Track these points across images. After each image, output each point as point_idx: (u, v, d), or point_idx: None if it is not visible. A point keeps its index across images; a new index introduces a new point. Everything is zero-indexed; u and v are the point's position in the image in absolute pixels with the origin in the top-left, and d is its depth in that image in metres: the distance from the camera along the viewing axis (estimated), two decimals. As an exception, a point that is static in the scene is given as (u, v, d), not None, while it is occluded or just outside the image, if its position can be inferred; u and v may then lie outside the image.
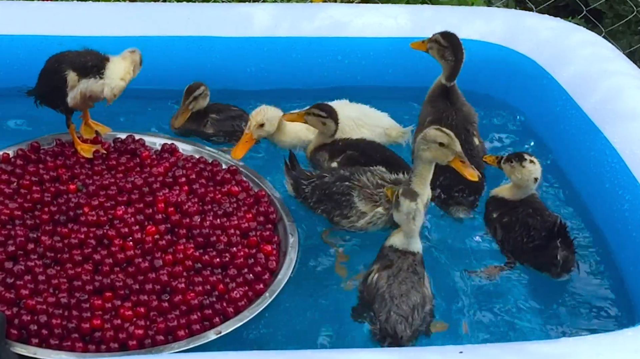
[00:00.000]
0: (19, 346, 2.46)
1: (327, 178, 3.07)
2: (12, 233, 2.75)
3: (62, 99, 3.03)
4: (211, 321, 2.60)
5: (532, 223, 3.00)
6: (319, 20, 3.84)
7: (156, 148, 3.27)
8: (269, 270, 2.79)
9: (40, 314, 2.51)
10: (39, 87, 3.11)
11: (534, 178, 3.04)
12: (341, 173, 3.07)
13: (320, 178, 3.09)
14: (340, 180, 3.03)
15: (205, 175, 3.11)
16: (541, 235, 2.95)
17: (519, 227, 3.02)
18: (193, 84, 3.46)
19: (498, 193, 3.17)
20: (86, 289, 2.61)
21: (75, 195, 2.92)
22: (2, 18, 3.66)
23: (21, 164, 3.07)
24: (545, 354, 2.32)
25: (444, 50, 3.33)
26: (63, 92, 3.00)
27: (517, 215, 3.05)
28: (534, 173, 3.04)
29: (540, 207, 3.08)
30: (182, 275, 2.68)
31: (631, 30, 5.11)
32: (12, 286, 2.60)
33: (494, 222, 3.11)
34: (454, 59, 3.32)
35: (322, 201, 3.05)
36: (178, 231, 2.83)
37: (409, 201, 2.73)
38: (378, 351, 2.47)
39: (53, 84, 3.02)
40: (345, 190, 3.01)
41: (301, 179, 3.12)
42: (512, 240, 3.02)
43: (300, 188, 3.12)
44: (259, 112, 3.24)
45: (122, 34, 3.65)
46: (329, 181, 3.05)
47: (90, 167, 3.09)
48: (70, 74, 2.99)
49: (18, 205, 2.86)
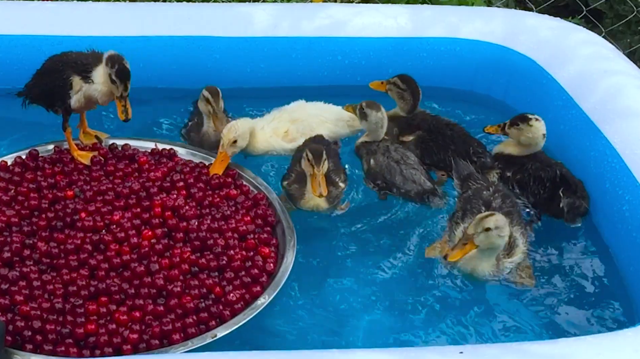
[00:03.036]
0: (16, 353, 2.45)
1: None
2: (8, 240, 2.74)
3: (62, 100, 3.02)
4: (207, 324, 2.59)
5: (544, 176, 3.17)
6: (319, 20, 3.84)
7: (152, 147, 3.26)
8: (266, 272, 2.78)
9: (34, 319, 2.50)
10: (36, 86, 3.10)
11: (542, 134, 3.24)
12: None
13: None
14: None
15: (204, 179, 3.10)
16: (562, 171, 3.18)
17: (533, 182, 3.18)
18: (212, 88, 3.30)
19: (503, 149, 3.32)
20: (81, 294, 2.60)
21: (72, 200, 2.91)
22: (2, 18, 3.66)
23: (19, 172, 3.06)
24: (545, 354, 2.32)
25: (402, 93, 3.49)
26: (65, 94, 3.00)
27: (528, 171, 3.21)
28: (541, 129, 3.23)
29: (547, 160, 3.27)
30: (179, 278, 2.68)
31: (631, 30, 5.11)
32: (7, 292, 2.59)
33: (509, 181, 3.26)
34: (412, 99, 3.49)
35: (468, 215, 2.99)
36: (175, 235, 2.82)
37: (375, 112, 3.25)
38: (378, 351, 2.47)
39: (54, 84, 3.01)
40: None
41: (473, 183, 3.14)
42: (530, 194, 3.17)
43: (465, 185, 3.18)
44: (230, 129, 3.18)
45: (122, 34, 3.65)
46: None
47: (89, 173, 3.08)
48: (74, 78, 2.97)
49: (15, 212, 2.85)
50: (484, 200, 2.99)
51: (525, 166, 3.24)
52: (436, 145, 3.40)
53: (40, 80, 3.10)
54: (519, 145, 3.28)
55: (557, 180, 3.12)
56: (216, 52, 3.75)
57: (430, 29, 3.61)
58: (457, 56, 3.87)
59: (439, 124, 3.47)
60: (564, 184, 3.12)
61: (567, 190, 3.12)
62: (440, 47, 3.86)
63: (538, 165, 3.23)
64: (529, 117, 3.24)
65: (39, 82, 3.10)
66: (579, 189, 3.16)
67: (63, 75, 2.98)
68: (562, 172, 3.17)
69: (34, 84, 3.11)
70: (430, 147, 3.40)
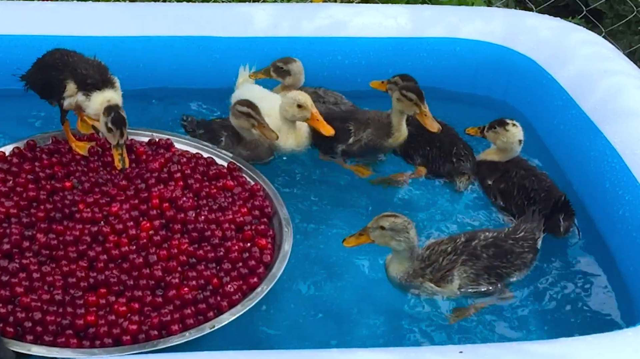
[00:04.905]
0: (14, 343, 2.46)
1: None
2: (7, 231, 2.75)
3: (56, 97, 3.00)
4: (205, 315, 2.60)
5: (529, 185, 3.19)
6: (319, 20, 3.84)
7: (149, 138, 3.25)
8: (263, 263, 2.79)
9: (34, 311, 2.52)
10: (33, 76, 3.09)
11: (518, 140, 3.29)
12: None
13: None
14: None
15: (201, 170, 3.11)
16: (541, 197, 3.15)
17: (517, 191, 3.20)
18: (245, 102, 3.29)
19: (486, 157, 3.36)
20: (81, 286, 2.61)
21: (70, 192, 2.92)
22: (2, 18, 3.66)
23: (17, 162, 3.06)
24: (545, 354, 2.32)
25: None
26: (59, 93, 2.98)
27: (512, 179, 3.23)
28: (517, 135, 3.28)
29: (528, 167, 3.30)
30: (177, 270, 2.69)
31: (631, 30, 5.11)
32: (7, 284, 2.60)
33: (492, 189, 3.28)
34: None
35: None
36: (173, 226, 2.83)
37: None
38: (377, 350, 2.47)
39: (49, 81, 3.00)
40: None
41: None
42: (514, 205, 3.19)
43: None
44: (299, 97, 3.27)
45: (122, 34, 3.65)
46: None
47: (86, 164, 3.08)
48: (70, 84, 2.95)
49: (14, 203, 2.86)
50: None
51: (509, 174, 3.26)
52: (423, 140, 3.43)
53: (37, 71, 3.08)
54: (499, 150, 3.32)
55: (557, 204, 3.08)
56: (216, 52, 3.75)
57: (430, 29, 3.61)
58: (457, 56, 3.87)
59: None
60: (563, 210, 3.08)
61: (566, 215, 3.10)
62: (440, 47, 3.86)
63: (523, 173, 3.25)
64: (507, 121, 3.28)
65: (36, 72, 3.08)
66: (574, 214, 3.12)
67: (60, 76, 2.96)
68: (564, 199, 3.10)
69: (32, 73, 3.10)
70: (417, 141, 3.44)
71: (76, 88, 2.95)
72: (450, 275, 2.83)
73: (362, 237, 2.82)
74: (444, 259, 2.84)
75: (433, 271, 2.83)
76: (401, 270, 2.85)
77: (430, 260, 2.85)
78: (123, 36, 3.62)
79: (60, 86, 2.97)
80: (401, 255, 2.83)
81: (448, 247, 2.86)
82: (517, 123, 3.28)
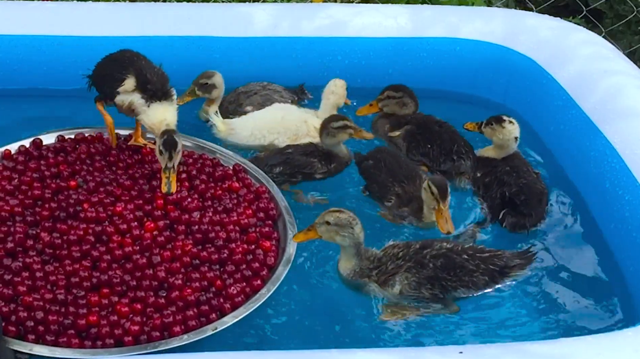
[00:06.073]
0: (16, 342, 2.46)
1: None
2: (11, 230, 2.75)
3: (110, 90, 3.00)
4: (208, 317, 2.60)
5: (506, 180, 3.21)
6: (319, 20, 3.84)
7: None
8: (267, 266, 2.79)
9: (37, 310, 2.52)
10: (98, 68, 3.09)
11: (514, 137, 3.31)
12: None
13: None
14: None
15: (207, 171, 3.11)
16: (512, 192, 3.17)
17: (496, 185, 3.23)
18: (338, 116, 3.37)
19: (483, 153, 3.39)
20: (84, 285, 2.61)
21: (75, 191, 2.92)
22: (2, 18, 3.66)
23: (23, 160, 3.07)
24: (545, 354, 2.32)
25: (401, 100, 3.53)
26: (115, 86, 2.97)
27: (496, 174, 3.26)
28: (513, 132, 3.30)
29: (519, 164, 3.29)
30: (180, 271, 2.69)
31: (631, 30, 5.11)
32: (10, 282, 2.60)
33: (478, 181, 3.31)
34: (412, 100, 3.54)
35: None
36: (177, 227, 2.83)
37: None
38: (377, 350, 2.47)
39: (111, 73, 3.00)
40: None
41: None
42: (489, 198, 3.23)
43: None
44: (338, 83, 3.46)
45: (122, 34, 3.65)
46: None
47: (91, 163, 3.08)
48: (129, 80, 2.96)
49: (18, 201, 2.86)
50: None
51: (497, 169, 3.29)
52: (423, 139, 3.44)
53: (102, 64, 3.09)
54: (496, 146, 3.34)
55: (505, 199, 3.15)
56: (216, 52, 3.75)
57: (430, 29, 3.61)
58: (457, 56, 3.87)
59: (428, 121, 3.52)
60: (509, 205, 3.14)
61: (513, 210, 3.14)
62: (440, 47, 3.86)
63: (508, 169, 3.27)
64: (504, 118, 3.31)
65: (100, 65, 3.09)
66: (524, 207, 3.14)
67: (123, 70, 2.97)
68: (524, 183, 3.18)
69: (97, 66, 3.11)
70: (418, 140, 3.45)
71: (135, 86, 2.95)
72: (392, 280, 2.83)
73: (310, 232, 2.83)
74: (392, 263, 2.84)
75: (379, 273, 2.83)
76: (348, 267, 2.85)
77: (380, 262, 2.85)
78: (123, 36, 3.62)
79: (118, 79, 2.96)
80: (347, 251, 2.83)
81: (400, 252, 2.86)
82: (513, 120, 3.31)
